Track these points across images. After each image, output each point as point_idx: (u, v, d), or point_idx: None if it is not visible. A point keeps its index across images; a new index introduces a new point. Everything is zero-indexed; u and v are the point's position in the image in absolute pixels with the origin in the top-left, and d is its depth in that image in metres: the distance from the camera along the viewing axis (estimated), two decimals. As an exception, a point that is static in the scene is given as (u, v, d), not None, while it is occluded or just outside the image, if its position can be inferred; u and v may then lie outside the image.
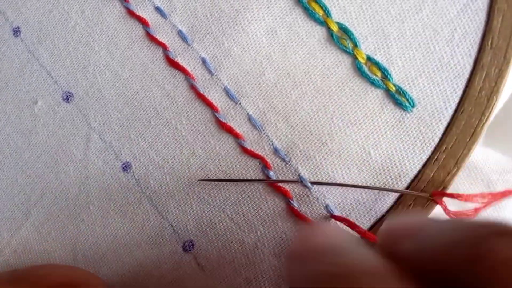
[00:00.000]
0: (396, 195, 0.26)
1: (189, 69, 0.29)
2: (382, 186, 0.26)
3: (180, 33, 0.29)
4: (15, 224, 0.31)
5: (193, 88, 0.29)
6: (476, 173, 0.30)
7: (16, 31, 0.31)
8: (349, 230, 0.26)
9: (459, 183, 0.30)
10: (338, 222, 0.27)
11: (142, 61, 0.29)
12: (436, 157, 0.26)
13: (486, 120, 0.25)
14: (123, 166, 0.29)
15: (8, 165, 0.31)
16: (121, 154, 0.30)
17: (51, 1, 0.31)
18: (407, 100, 0.26)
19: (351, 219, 0.27)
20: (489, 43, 0.25)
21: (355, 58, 0.27)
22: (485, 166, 0.30)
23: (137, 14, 0.29)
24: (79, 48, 0.30)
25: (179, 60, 0.29)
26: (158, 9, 0.29)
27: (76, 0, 0.30)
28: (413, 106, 0.26)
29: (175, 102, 0.29)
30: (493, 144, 0.32)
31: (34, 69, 0.31)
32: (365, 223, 0.27)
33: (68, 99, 0.30)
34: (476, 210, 0.25)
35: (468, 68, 0.26)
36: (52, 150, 0.31)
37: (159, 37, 0.29)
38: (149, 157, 0.29)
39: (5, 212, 0.31)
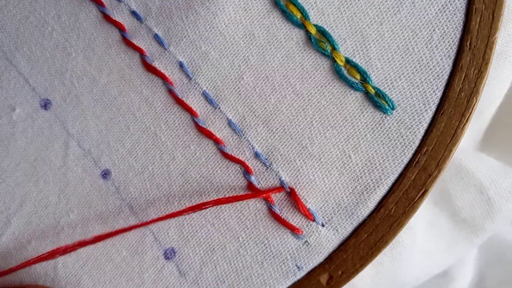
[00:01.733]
0: (378, 199, 0.26)
1: (166, 74, 0.28)
2: (364, 189, 0.26)
3: (156, 37, 0.28)
4: (-5, 234, 0.30)
5: (171, 93, 0.28)
6: (468, 178, 0.30)
7: (-8, 38, 0.31)
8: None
9: (451, 188, 0.30)
10: (320, 227, 0.27)
11: (119, 66, 0.29)
12: (417, 159, 0.26)
13: (467, 122, 0.25)
14: (103, 173, 0.29)
15: None
16: (100, 161, 0.29)
17: (28, 7, 0.30)
18: (387, 102, 0.26)
19: (332, 224, 0.26)
20: (468, 44, 0.25)
21: (334, 61, 0.26)
22: (477, 171, 0.29)
23: (113, 18, 0.29)
24: (56, 54, 0.30)
25: (156, 64, 0.28)
26: (134, 13, 0.29)
27: (52, 6, 0.30)
28: (393, 108, 0.26)
29: (154, 107, 0.29)
30: (489, 149, 0.32)
31: (12, 76, 0.30)
32: (347, 228, 0.27)
33: (46, 106, 0.30)
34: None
35: (447, 69, 0.25)
36: (31, 158, 0.30)
37: (135, 41, 0.29)
38: (129, 164, 0.29)
39: (-14, 221, 0.30)
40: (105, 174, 0.29)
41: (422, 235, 0.32)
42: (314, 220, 0.27)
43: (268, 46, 0.27)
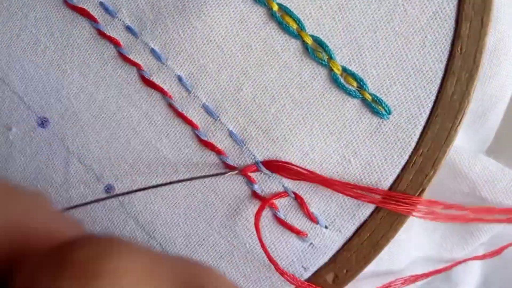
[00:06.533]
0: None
1: (165, 88, 0.28)
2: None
3: (153, 52, 0.28)
4: (0, 254, 0.30)
5: (171, 106, 0.29)
6: (461, 179, 0.30)
7: (-18, 56, 0.30)
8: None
9: (445, 188, 0.30)
10: (324, 229, 0.28)
11: (116, 82, 0.29)
12: (413, 161, 0.27)
13: (459, 123, 0.26)
14: (106, 188, 0.29)
15: None
16: (103, 177, 0.29)
17: (18, 25, 0.30)
18: (383, 108, 0.27)
19: (335, 225, 0.27)
20: (459, 49, 0.26)
21: (330, 69, 0.27)
22: (470, 171, 0.29)
23: (108, 34, 0.29)
24: (51, 71, 0.30)
25: (155, 79, 0.29)
26: (128, 28, 0.29)
27: (44, 23, 0.29)
28: (389, 113, 0.27)
29: (154, 121, 0.29)
30: (497, 154, 0.31)
31: (6, 95, 0.30)
32: (350, 228, 0.28)
33: (43, 124, 0.30)
34: None
35: (440, 73, 0.26)
36: (31, 176, 0.30)
37: (132, 56, 0.29)
38: (132, 178, 0.29)
39: (-13, 240, 0.30)
40: (108, 189, 0.29)
41: (417, 232, 0.32)
42: (317, 223, 0.28)
43: (266, 57, 0.28)
